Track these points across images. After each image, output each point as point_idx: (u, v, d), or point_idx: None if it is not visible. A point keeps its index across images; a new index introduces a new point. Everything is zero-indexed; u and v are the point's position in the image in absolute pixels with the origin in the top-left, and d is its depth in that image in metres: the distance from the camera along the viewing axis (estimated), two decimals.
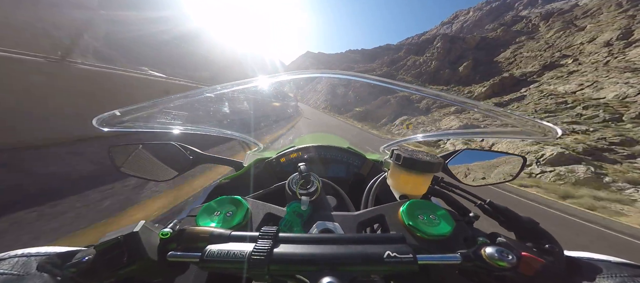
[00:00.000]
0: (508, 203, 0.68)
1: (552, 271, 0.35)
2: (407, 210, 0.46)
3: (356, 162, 0.98)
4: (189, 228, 0.38)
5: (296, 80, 0.76)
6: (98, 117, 0.69)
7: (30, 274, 0.35)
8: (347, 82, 3.49)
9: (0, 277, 0.34)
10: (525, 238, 0.46)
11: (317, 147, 0.99)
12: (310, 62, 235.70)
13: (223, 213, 0.47)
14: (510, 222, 0.51)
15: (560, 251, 0.40)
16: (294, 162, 0.93)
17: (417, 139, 1.16)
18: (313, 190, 0.54)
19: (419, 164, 0.55)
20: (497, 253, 0.34)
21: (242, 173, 0.92)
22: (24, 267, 0.36)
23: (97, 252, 0.33)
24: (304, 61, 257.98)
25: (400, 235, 0.37)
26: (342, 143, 1.19)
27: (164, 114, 0.82)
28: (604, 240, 4.81)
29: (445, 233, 0.41)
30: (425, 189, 0.60)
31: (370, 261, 0.32)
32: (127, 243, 0.33)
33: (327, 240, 0.37)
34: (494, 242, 0.39)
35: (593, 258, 0.41)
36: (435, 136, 1.14)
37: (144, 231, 0.35)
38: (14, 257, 0.38)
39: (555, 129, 0.67)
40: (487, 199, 0.59)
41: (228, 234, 0.37)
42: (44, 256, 0.38)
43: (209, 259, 0.32)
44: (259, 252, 0.32)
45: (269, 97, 17.94)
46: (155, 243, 0.36)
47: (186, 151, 0.91)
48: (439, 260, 0.35)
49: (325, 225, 0.47)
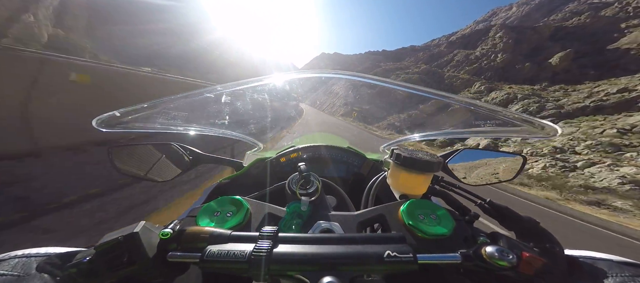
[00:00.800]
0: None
1: (552, 270, 0.35)
2: (407, 209, 0.46)
3: (356, 162, 0.98)
4: (189, 229, 0.38)
5: (303, 80, 0.76)
6: (98, 118, 0.69)
7: (31, 275, 0.35)
8: (372, 85, 3.51)
9: (0, 278, 0.34)
10: (526, 237, 0.46)
11: (317, 147, 0.99)
12: (325, 64, 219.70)
13: (223, 213, 0.47)
14: (511, 221, 0.51)
15: (560, 250, 0.40)
16: (294, 162, 0.93)
17: (415, 138, 1.16)
18: (313, 190, 0.54)
19: (418, 164, 0.55)
20: (497, 253, 0.34)
21: (242, 174, 0.92)
22: (24, 268, 0.36)
23: (98, 253, 0.33)
24: (317, 63, 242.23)
25: (400, 235, 0.37)
26: (342, 143, 1.19)
27: (163, 115, 0.82)
28: None
29: (445, 232, 0.41)
30: (425, 189, 0.60)
31: (371, 261, 0.32)
32: (128, 243, 0.33)
33: (327, 240, 0.37)
34: (494, 241, 0.39)
35: (593, 258, 0.41)
36: (435, 136, 1.14)
37: (144, 231, 0.35)
38: (14, 258, 0.38)
39: (555, 127, 0.67)
40: (487, 198, 0.59)
41: (228, 234, 0.37)
42: (44, 257, 0.38)
43: (209, 259, 0.32)
44: (259, 252, 0.32)
45: (271, 97, 18.17)
46: (155, 243, 0.36)
47: (186, 151, 0.91)
48: (439, 260, 0.35)
49: (325, 225, 0.47)
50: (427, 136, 1.13)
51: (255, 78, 0.80)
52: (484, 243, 0.37)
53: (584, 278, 0.37)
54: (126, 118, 0.72)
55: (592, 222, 5.70)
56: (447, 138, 1.04)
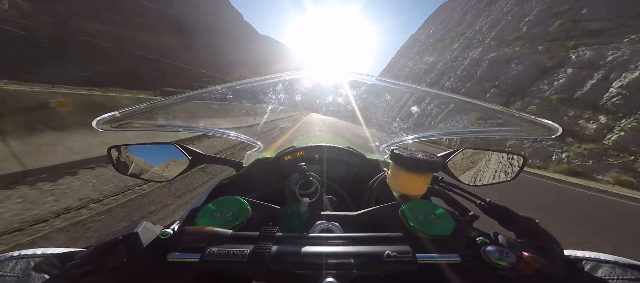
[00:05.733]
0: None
1: (551, 270, 0.35)
2: (406, 210, 0.46)
3: (356, 162, 0.98)
4: (189, 229, 0.38)
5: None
6: (98, 119, 0.69)
7: (29, 276, 0.35)
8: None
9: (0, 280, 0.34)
10: (525, 237, 0.46)
11: (317, 147, 0.99)
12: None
13: (223, 213, 0.47)
14: (510, 221, 0.51)
15: (560, 250, 0.40)
16: (294, 162, 0.93)
17: (415, 139, 1.16)
18: (313, 190, 0.54)
19: (418, 164, 0.55)
20: (497, 253, 0.34)
21: (242, 174, 0.92)
22: (23, 269, 0.36)
23: (97, 253, 0.33)
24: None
25: (400, 235, 0.37)
26: (341, 143, 1.19)
27: (163, 115, 0.82)
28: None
29: (445, 233, 0.41)
30: (424, 189, 0.60)
31: (370, 261, 0.32)
32: (127, 243, 0.33)
33: (327, 240, 0.37)
34: (494, 241, 0.39)
35: (593, 258, 0.41)
36: (435, 136, 1.14)
37: (144, 231, 0.35)
38: (11, 259, 0.38)
39: (556, 126, 0.67)
40: (487, 199, 0.59)
41: (228, 234, 0.37)
42: (42, 257, 0.38)
43: (209, 260, 0.32)
44: (259, 252, 0.32)
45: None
46: (155, 243, 0.36)
47: (186, 151, 0.91)
48: (438, 260, 0.35)
49: (325, 225, 0.47)
50: (427, 136, 1.13)
51: (257, 78, 0.80)
52: (484, 243, 0.37)
53: (583, 278, 0.37)
54: (127, 118, 0.72)
55: None
56: (447, 138, 1.04)
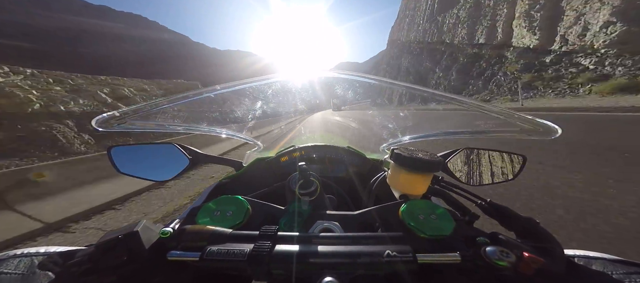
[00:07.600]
0: None
1: (551, 270, 0.35)
2: (407, 209, 0.46)
3: (356, 162, 0.98)
4: (189, 228, 0.38)
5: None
6: (97, 118, 0.69)
7: (33, 273, 0.35)
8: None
9: (4, 277, 0.34)
10: (525, 237, 0.46)
11: (317, 147, 0.98)
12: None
13: (223, 213, 0.47)
14: (510, 221, 0.51)
15: (560, 250, 0.40)
16: (294, 162, 0.93)
17: (414, 139, 1.16)
18: (313, 189, 0.54)
19: (418, 164, 0.55)
20: (497, 253, 0.34)
21: (242, 173, 0.92)
22: (26, 267, 0.36)
23: (98, 251, 0.33)
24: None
25: (400, 235, 0.37)
26: (341, 143, 1.19)
27: (163, 115, 0.82)
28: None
29: (445, 232, 0.41)
30: (425, 189, 0.60)
31: (370, 260, 0.32)
32: (128, 242, 0.33)
33: (327, 239, 0.37)
34: (494, 241, 0.39)
35: (593, 257, 0.41)
36: (434, 136, 1.13)
37: (144, 230, 0.35)
38: (14, 258, 0.38)
39: (556, 127, 0.67)
40: (487, 198, 0.58)
41: (228, 234, 0.37)
42: (45, 255, 0.38)
43: (209, 258, 0.32)
44: (259, 252, 0.32)
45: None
46: (155, 242, 0.36)
47: (186, 151, 0.91)
48: (438, 260, 0.35)
49: (325, 224, 0.47)
50: (427, 137, 1.12)
51: (254, 78, 0.80)
52: (484, 243, 0.37)
53: (582, 277, 0.37)
54: (126, 118, 0.72)
55: None
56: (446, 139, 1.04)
